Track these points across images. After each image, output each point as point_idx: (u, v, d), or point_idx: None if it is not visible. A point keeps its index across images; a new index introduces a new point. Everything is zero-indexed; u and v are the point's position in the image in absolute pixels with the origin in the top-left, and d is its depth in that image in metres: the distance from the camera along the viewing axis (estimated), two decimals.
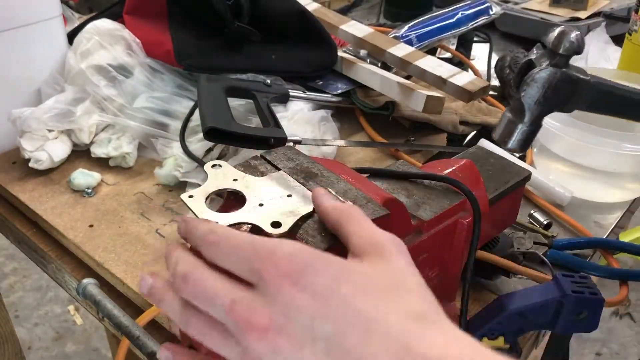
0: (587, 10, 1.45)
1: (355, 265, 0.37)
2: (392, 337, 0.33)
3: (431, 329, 0.34)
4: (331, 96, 1.00)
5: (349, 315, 0.34)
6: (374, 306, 0.34)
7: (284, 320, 0.34)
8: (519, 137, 0.70)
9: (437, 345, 0.33)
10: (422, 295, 0.37)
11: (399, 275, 0.37)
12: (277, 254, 0.35)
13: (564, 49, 0.66)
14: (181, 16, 1.03)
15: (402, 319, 0.34)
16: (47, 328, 2.12)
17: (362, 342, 0.33)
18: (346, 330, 0.33)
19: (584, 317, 0.60)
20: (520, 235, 0.75)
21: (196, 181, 0.83)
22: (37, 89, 0.95)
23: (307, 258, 0.35)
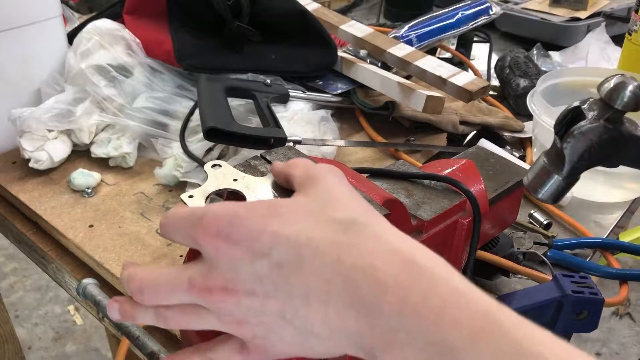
0: (587, 10, 1.45)
1: (284, 201, 0.38)
2: (322, 256, 0.34)
3: (360, 235, 0.35)
4: (331, 96, 1.00)
5: (281, 248, 0.35)
6: (301, 231, 0.35)
7: (233, 274, 0.35)
8: (552, 188, 0.63)
9: (367, 252, 0.34)
10: (349, 203, 0.38)
11: (326, 193, 0.38)
12: (205, 217, 0.36)
13: (621, 103, 0.57)
14: (181, 16, 1.03)
15: (328, 234, 0.35)
16: (47, 328, 2.12)
17: (297, 270, 0.34)
18: (282, 262, 0.35)
19: (584, 317, 0.60)
20: (520, 235, 0.75)
21: (196, 181, 0.83)
22: (37, 89, 0.95)
23: (232, 210, 0.36)
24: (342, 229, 0.35)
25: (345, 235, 0.35)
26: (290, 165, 0.43)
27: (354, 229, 0.35)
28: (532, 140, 0.97)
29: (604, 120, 0.58)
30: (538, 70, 1.15)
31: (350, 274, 0.33)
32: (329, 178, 0.40)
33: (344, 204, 0.37)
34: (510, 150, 0.98)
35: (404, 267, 0.33)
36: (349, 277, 0.33)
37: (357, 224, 0.36)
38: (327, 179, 0.40)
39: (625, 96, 0.57)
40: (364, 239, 0.35)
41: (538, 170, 0.64)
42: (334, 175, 0.40)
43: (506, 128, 1.01)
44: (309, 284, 0.34)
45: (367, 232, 0.35)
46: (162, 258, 0.73)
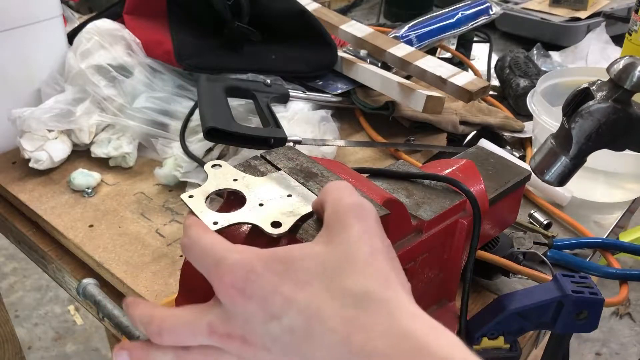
0: (587, 10, 1.45)
1: (300, 253, 0.37)
2: (331, 333, 0.33)
3: (372, 313, 0.33)
4: (331, 96, 1.00)
5: (292, 314, 0.34)
6: (313, 298, 0.34)
7: (249, 328, 0.36)
8: (559, 170, 0.63)
9: (377, 335, 0.33)
10: (366, 268, 0.36)
11: (346, 250, 0.36)
12: (221, 265, 0.36)
13: (630, 83, 0.58)
14: (181, 16, 1.03)
15: (338, 309, 0.34)
16: (47, 328, 2.12)
17: (307, 340, 0.34)
18: (293, 329, 0.34)
19: (584, 317, 0.60)
20: (520, 235, 0.75)
21: (196, 181, 0.83)
22: (37, 89, 0.95)
23: (249, 264, 0.36)
24: (354, 304, 0.34)
25: (356, 311, 0.34)
26: (323, 192, 0.41)
27: (365, 305, 0.34)
28: (532, 140, 0.97)
29: (612, 100, 0.58)
30: (538, 70, 1.15)
31: (358, 356, 0.32)
32: (355, 227, 0.37)
33: (361, 269, 0.35)
34: (510, 150, 0.98)
35: (413, 356, 0.32)
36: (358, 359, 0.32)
37: (370, 300, 0.34)
38: (352, 228, 0.37)
39: (634, 76, 0.57)
40: (375, 318, 0.33)
41: (545, 152, 0.64)
42: (360, 220, 0.38)
43: (506, 128, 1.01)
44: (317, 357, 0.34)
45: (379, 311, 0.34)
46: (162, 258, 0.73)
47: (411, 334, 0.33)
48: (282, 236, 0.43)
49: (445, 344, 0.32)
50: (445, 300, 0.62)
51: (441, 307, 0.62)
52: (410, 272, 0.56)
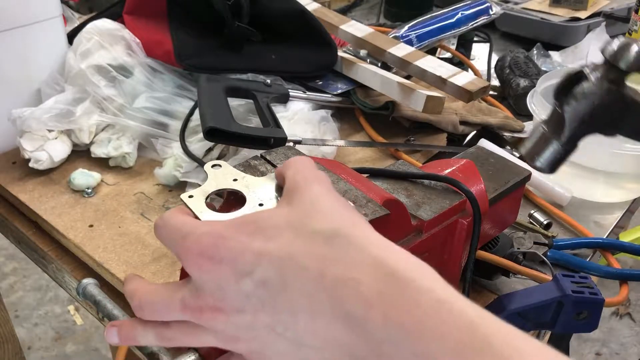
0: (587, 10, 1.45)
1: (266, 213, 0.38)
2: (305, 271, 0.34)
3: (343, 247, 0.35)
4: (331, 96, 1.00)
5: (264, 266, 0.35)
6: (283, 246, 0.35)
7: (220, 293, 0.36)
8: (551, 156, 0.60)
9: (350, 265, 0.34)
10: (331, 214, 0.37)
11: (309, 203, 0.38)
12: (188, 238, 0.37)
13: (625, 63, 0.55)
14: (181, 16, 1.03)
15: (310, 248, 0.35)
16: (47, 328, 2.12)
17: (281, 287, 0.34)
18: (265, 280, 0.35)
19: (584, 317, 0.60)
20: (520, 235, 0.75)
21: (196, 181, 0.83)
22: (37, 89, 0.95)
23: (216, 231, 0.37)
24: (324, 241, 0.35)
25: (328, 247, 0.35)
26: (284, 165, 0.43)
27: (336, 241, 0.35)
28: None
29: (607, 81, 0.56)
30: (538, 70, 1.15)
31: (334, 288, 0.33)
32: (314, 187, 0.39)
33: (326, 214, 0.37)
34: (510, 150, 0.98)
35: (387, 281, 0.33)
36: (333, 291, 0.33)
37: (340, 236, 0.35)
38: (311, 189, 0.39)
39: (630, 56, 0.55)
40: (346, 251, 0.35)
41: (536, 138, 0.61)
42: (319, 184, 0.40)
43: (506, 128, 1.01)
44: (294, 300, 0.34)
45: (350, 244, 0.35)
46: (162, 258, 0.73)
47: (383, 261, 0.34)
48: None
49: (414, 268, 0.34)
50: None
51: None
52: None
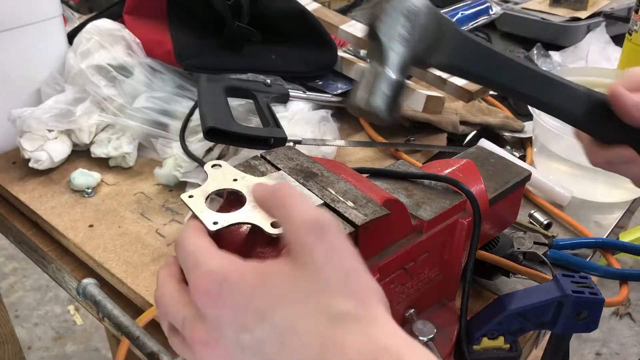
0: (587, 10, 1.45)
1: (273, 270, 0.37)
2: (305, 347, 0.33)
3: (349, 332, 0.33)
4: (331, 96, 1.00)
5: (265, 328, 0.35)
6: (288, 316, 0.34)
7: (217, 334, 0.36)
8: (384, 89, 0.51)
9: (353, 349, 0.32)
10: (343, 288, 0.35)
11: (320, 269, 0.35)
12: (197, 270, 0.37)
13: None
14: (181, 16, 1.03)
15: (316, 324, 0.34)
16: (47, 328, 2.12)
17: (278, 354, 0.34)
18: (264, 341, 0.35)
19: (584, 317, 0.60)
20: (520, 235, 0.75)
21: (196, 181, 0.83)
22: (37, 89, 0.95)
23: (223, 273, 0.36)
24: (330, 322, 0.34)
25: (332, 329, 0.33)
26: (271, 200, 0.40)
27: (342, 324, 0.34)
28: (532, 140, 0.97)
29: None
30: None
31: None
32: (320, 249, 0.36)
33: (335, 290, 0.35)
34: (510, 150, 0.98)
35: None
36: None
37: (347, 318, 0.34)
38: (317, 251, 0.36)
39: None
40: (351, 335, 0.33)
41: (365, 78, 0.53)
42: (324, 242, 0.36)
43: (506, 128, 1.01)
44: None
45: (355, 328, 0.33)
46: (162, 258, 0.73)
47: (386, 349, 0.33)
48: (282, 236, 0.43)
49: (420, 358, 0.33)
50: (445, 300, 0.62)
51: (441, 307, 0.62)
52: (410, 272, 0.56)
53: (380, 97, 0.52)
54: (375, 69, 0.52)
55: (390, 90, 0.52)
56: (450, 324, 0.60)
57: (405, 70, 0.52)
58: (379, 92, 0.52)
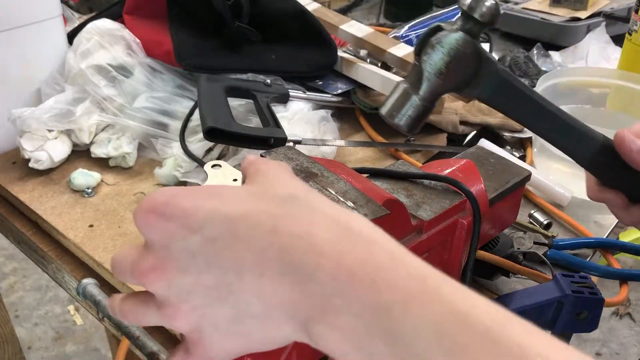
0: (587, 10, 1.45)
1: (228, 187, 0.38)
2: (257, 227, 0.34)
3: (298, 207, 0.35)
4: (331, 96, 1.00)
5: (215, 223, 0.34)
6: (240, 207, 0.35)
7: (165, 252, 0.35)
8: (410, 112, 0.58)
9: (304, 220, 0.34)
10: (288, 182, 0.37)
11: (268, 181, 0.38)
12: (144, 200, 0.36)
13: (480, 14, 0.56)
14: (181, 16, 1.03)
15: (265, 208, 0.34)
16: (47, 328, 2.12)
17: (231, 244, 0.34)
18: (215, 237, 0.34)
19: (584, 317, 0.60)
20: (520, 235, 0.75)
21: (196, 181, 0.83)
22: (37, 89, 0.95)
23: (173, 191, 0.36)
24: (280, 203, 0.35)
25: (283, 207, 0.35)
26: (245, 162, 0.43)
27: (292, 201, 0.35)
28: (532, 140, 0.97)
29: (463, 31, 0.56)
30: (538, 70, 1.15)
31: (285, 241, 0.33)
32: (275, 167, 0.40)
33: (283, 184, 0.37)
34: (510, 150, 0.98)
35: (340, 233, 0.33)
36: (284, 244, 0.33)
37: (296, 198, 0.35)
38: (272, 168, 0.39)
39: (484, 7, 0.56)
40: (301, 209, 0.35)
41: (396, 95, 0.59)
42: (279, 165, 0.40)
43: (506, 128, 1.01)
44: (243, 257, 0.33)
45: (306, 204, 0.35)
46: None
47: (337, 217, 0.34)
48: None
49: (368, 225, 0.35)
50: None
51: None
52: None
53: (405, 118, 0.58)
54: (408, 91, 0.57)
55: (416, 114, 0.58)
56: None
57: (436, 98, 0.57)
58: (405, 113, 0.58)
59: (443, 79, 0.56)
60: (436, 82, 0.56)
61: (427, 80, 0.56)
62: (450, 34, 0.56)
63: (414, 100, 0.57)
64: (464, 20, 0.57)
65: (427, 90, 0.57)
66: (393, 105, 0.58)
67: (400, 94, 0.58)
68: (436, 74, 0.56)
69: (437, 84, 0.56)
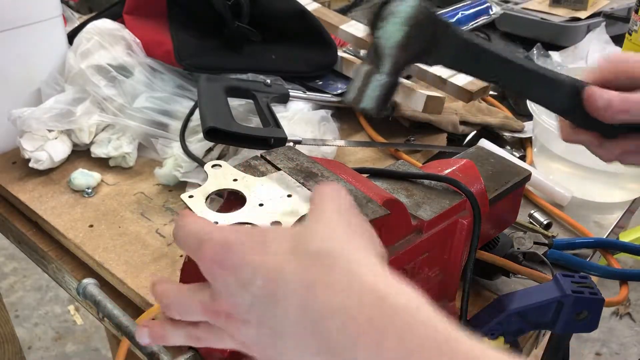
0: (587, 10, 1.45)
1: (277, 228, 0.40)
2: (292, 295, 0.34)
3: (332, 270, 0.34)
4: (331, 96, 1.00)
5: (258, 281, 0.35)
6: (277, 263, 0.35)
7: (232, 301, 0.37)
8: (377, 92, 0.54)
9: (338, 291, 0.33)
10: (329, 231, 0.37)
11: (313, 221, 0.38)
12: (204, 243, 0.37)
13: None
14: (181, 16, 1.03)
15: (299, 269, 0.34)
16: (47, 328, 2.12)
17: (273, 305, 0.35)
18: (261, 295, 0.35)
19: (584, 317, 0.60)
20: (520, 235, 0.75)
21: (196, 181, 0.83)
22: (37, 89, 0.95)
23: (226, 238, 0.37)
24: (313, 262, 0.34)
25: (319, 269, 0.34)
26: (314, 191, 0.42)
27: (325, 263, 0.34)
28: (532, 140, 0.97)
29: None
30: None
31: (320, 317, 0.32)
32: (325, 205, 0.39)
33: (323, 232, 0.37)
34: (510, 150, 0.98)
35: (377, 307, 0.32)
36: (319, 321, 0.32)
37: (330, 257, 0.34)
38: (322, 207, 0.39)
39: None
40: (338, 274, 0.34)
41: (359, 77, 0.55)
42: (332, 201, 0.39)
43: (506, 128, 1.01)
44: (282, 322, 0.34)
45: (344, 267, 0.34)
46: (162, 258, 0.73)
47: (372, 288, 0.33)
48: None
49: (405, 294, 0.33)
50: (445, 300, 0.62)
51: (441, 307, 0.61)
52: (410, 272, 0.56)
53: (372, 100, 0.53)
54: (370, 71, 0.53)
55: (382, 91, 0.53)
56: None
57: (399, 72, 0.54)
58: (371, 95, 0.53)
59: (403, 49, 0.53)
60: (397, 55, 0.53)
61: (387, 55, 0.53)
62: (402, 2, 0.52)
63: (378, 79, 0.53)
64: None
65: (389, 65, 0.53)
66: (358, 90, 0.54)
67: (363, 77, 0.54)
68: (395, 46, 0.52)
69: (397, 56, 0.53)
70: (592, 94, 0.56)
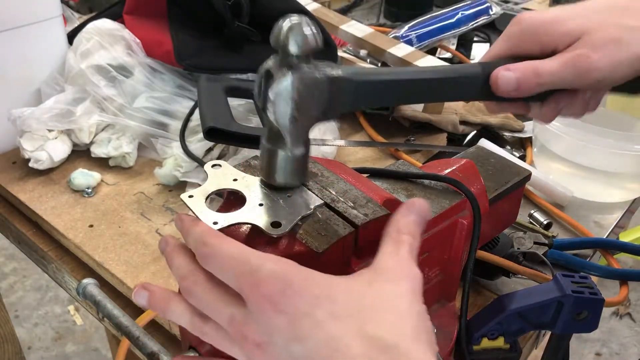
0: None
1: (341, 282, 0.37)
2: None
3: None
4: None
5: (318, 340, 0.34)
6: (343, 332, 0.35)
7: (267, 338, 0.36)
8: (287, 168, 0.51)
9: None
10: (399, 322, 0.36)
11: (387, 301, 0.37)
12: (257, 273, 0.36)
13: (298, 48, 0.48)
14: (181, 16, 1.03)
15: (365, 351, 0.34)
16: (47, 328, 2.12)
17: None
18: (314, 355, 0.34)
19: (584, 317, 0.60)
20: (520, 235, 0.75)
21: (196, 181, 0.83)
22: (37, 89, 0.95)
23: (287, 278, 0.36)
24: (380, 351, 0.34)
25: (381, 354, 0.34)
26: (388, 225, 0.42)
27: (390, 354, 0.34)
28: (532, 140, 0.97)
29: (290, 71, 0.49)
30: None
31: None
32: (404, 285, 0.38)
33: (394, 321, 0.36)
34: (510, 150, 0.98)
35: None
36: None
37: (396, 352, 0.34)
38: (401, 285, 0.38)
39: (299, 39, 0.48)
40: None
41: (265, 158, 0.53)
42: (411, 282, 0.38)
43: (506, 128, 1.01)
44: None
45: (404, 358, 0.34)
46: (162, 258, 0.72)
47: None
48: (282, 236, 0.43)
49: None
50: (445, 300, 0.62)
51: (441, 307, 0.62)
52: None
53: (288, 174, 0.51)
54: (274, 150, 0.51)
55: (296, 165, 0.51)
56: (450, 324, 0.60)
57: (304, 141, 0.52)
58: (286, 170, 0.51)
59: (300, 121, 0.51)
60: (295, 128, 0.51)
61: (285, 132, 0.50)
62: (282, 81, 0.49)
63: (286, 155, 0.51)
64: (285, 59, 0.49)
65: (291, 139, 0.51)
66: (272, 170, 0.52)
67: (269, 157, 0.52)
68: (290, 121, 0.50)
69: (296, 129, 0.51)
70: (496, 79, 0.53)
